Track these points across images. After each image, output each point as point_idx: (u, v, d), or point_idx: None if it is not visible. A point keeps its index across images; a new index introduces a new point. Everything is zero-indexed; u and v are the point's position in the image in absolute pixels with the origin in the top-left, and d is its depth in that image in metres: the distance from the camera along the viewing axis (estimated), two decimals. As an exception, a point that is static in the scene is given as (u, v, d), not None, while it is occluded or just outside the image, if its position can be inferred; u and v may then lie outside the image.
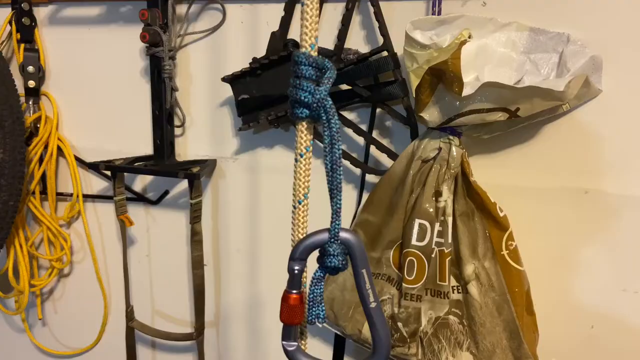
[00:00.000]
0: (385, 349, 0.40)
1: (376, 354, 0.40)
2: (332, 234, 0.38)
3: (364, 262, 0.39)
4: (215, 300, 1.15)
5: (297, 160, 0.39)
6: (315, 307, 0.40)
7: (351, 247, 0.38)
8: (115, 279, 1.20)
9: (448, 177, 0.86)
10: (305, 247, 0.39)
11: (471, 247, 0.88)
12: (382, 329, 0.39)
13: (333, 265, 0.38)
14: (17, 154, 1.05)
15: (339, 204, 0.37)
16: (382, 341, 0.40)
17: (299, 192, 0.40)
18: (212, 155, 1.10)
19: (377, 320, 0.39)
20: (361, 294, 0.39)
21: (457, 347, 0.88)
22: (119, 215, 1.07)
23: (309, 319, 0.40)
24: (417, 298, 0.89)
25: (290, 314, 0.39)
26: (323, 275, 0.40)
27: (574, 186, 0.88)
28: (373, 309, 0.39)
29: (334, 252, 0.38)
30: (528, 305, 0.89)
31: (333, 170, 0.37)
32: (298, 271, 0.39)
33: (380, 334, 0.39)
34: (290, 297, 0.39)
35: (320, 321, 0.40)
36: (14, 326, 1.30)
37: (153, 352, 1.21)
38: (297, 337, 0.41)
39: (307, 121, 0.39)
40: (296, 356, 0.41)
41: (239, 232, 1.11)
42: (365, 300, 0.39)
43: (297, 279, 0.39)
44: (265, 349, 1.13)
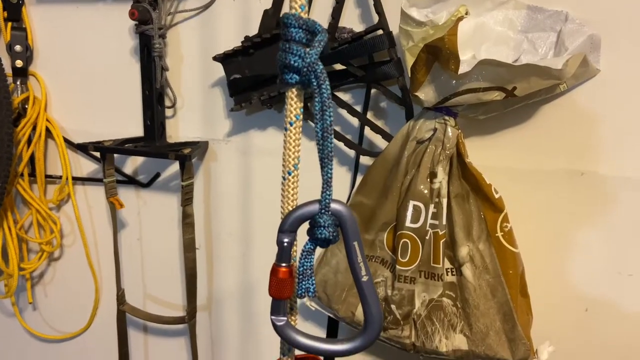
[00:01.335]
0: (377, 323, 0.39)
1: (368, 329, 0.39)
2: (323, 205, 0.36)
3: (356, 235, 0.38)
4: (207, 283, 1.14)
5: (286, 129, 0.37)
6: (305, 281, 0.39)
7: (342, 219, 0.37)
8: (106, 262, 1.19)
9: (443, 158, 0.85)
10: (295, 218, 0.37)
11: (466, 229, 0.87)
12: (373, 303, 0.38)
13: (324, 237, 0.37)
14: (4, 135, 1.03)
15: (329, 173, 0.36)
16: (374, 316, 0.39)
17: (289, 162, 0.38)
18: (204, 137, 1.08)
19: (368, 294, 0.38)
20: (353, 268, 0.38)
21: (450, 329, 0.88)
22: (109, 198, 1.05)
23: (299, 293, 0.39)
24: (410, 280, 0.88)
25: (279, 287, 0.38)
26: (313, 248, 0.39)
27: (570, 168, 0.87)
28: (365, 282, 0.38)
29: (325, 223, 0.36)
30: (522, 288, 0.88)
31: (324, 138, 0.35)
32: (287, 244, 0.38)
33: (371, 309, 0.38)
34: (279, 270, 0.38)
35: (310, 295, 0.39)
36: (3, 310, 1.29)
37: (145, 336, 1.20)
38: (286, 312, 0.40)
39: (297, 88, 0.38)
40: (285, 331, 0.40)
41: (231, 215, 1.09)
42: (357, 274, 0.38)
43: (287, 252, 0.38)
44: (257, 333, 1.13)
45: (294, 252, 0.40)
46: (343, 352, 0.40)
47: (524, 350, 0.85)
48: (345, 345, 0.40)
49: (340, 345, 0.40)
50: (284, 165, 0.38)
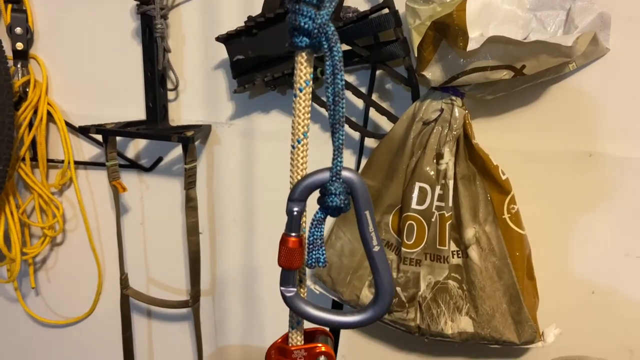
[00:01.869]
0: (388, 294, 0.38)
1: (379, 300, 0.38)
2: (334, 172, 0.35)
3: (367, 203, 0.37)
4: (211, 268, 1.13)
5: (296, 95, 0.36)
6: (316, 251, 0.38)
7: (353, 187, 0.36)
8: (108, 247, 1.18)
9: (450, 138, 0.84)
10: (305, 187, 0.36)
11: (472, 210, 0.86)
12: (385, 273, 0.38)
13: (335, 205, 0.36)
14: (5, 117, 1.02)
15: (341, 139, 0.35)
16: (385, 286, 0.38)
17: (298, 130, 0.37)
18: (207, 120, 1.07)
19: (380, 264, 0.37)
20: (364, 237, 0.37)
21: (456, 312, 0.87)
22: (112, 181, 1.04)
23: (309, 263, 0.38)
24: (416, 262, 0.87)
25: (288, 257, 0.37)
26: (324, 217, 0.38)
27: (578, 149, 0.86)
28: (376, 252, 0.37)
29: (336, 191, 0.35)
30: (529, 270, 0.87)
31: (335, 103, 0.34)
32: (297, 213, 0.37)
33: (383, 279, 0.38)
34: (289, 240, 0.37)
35: (320, 265, 0.38)
36: (6, 295, 1.28)
37: (148, 321, 1.20)
38: (295, 283, 0.39)
39: (306, 52, 0.37)
40: (295, 302, 0.39)
41: (234, 199, 1.09)
42: (369, 244, 0.37)
43: (296, 221, 0.37)
44: (261, 317, 1.12)
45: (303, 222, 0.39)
46: (354, 324, 0.39)
47: (530, 332, 0.85)
48: (356, 317, 0.39)
49: (350, 317, 0.39)
50: (293, 134, 0.38)
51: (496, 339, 0.86)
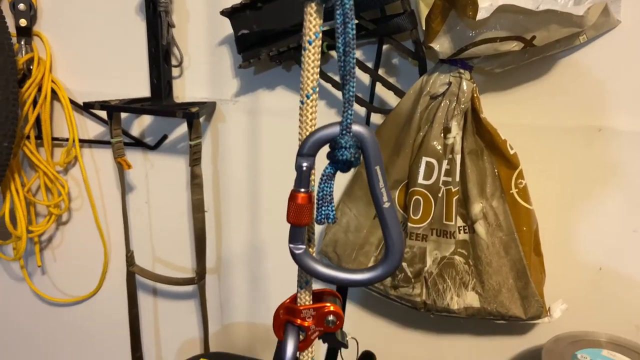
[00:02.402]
0: (399, 251, 0.37)
1: (389, 257, 0.38)
2: (344, 126, 0.35)
3: (378, 159, 0.36)
4: (216, 246, 1.13)
5: (305, 48, 0.35)
6: (325, 207, 0.37)
7: (364, 141, 0.35)
8: (114, 226, 1.18)
9: (458, 112, 0.83)
10: (315, 141, 0.36)
11: (479, 186, 0.85)
12: (395, 230, 0.37)
13: (345, 159, 0.35)
14: (9, 94, 1.01)
15: (351, 91, 0.34)
16: (395, 243, 0.37)
17: (307, 85, 0.37)
18: (211, 97, 1.06)
19: (390, 221, 0.37)
20: (374, 194, 0.37)
21: (462, 287, 0.87)
22: (117, 158, 1.04)
23: (318, 219, 0.38)
24: (422, 238, 0.87)
25: (298, 213, 0.37)
26: (333, 172, 0.37)
27: (587, 124, 0.85)
28: (386, 209, 0.37)
29: (346, 144, 0.35)
30: (536, 246, 0.87)
31: (346, 54, 0.33)
32: (307, 168, 0.36)
33: (393, 236, 0.37)
34: (298, 195, 0.37)
35: (330, 221, 0.38)
36: (12, 274, 1.29)
37: (154, 299, 1.21)
38: (304, 241, 0.39)
39: (316, 2, 0.36)
40: (304, 260, 0.39)
41: (239, 177, 1.08)
42: (379, 200, 0.37)
43: (306, 177, 0.36)
44: (266, 295, 1.13)
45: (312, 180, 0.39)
46: (364, 281, 0.39)
47: (536, 308, 0.84)
48: (367, 274, 0.39)
49: (360, 275, 0.39)
50: (302, 89, 0.37)
51: (502, 314, 0.86)
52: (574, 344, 0.83)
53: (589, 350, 0.81)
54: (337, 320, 0.43)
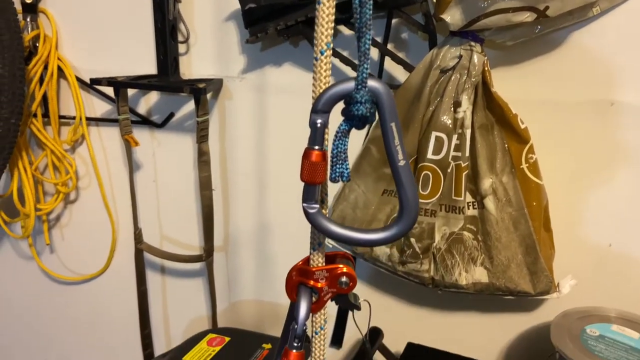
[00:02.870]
0: (414, 210, 0.37)
1: (404, 216, 0.37)
2: (359, 80, 0.34)
3: (393, 115, 0.36)
4: (223, 225, 1.13)
5: (319, 2, 0.35)
6: (339, 165, 0.37)
7: (379, 97, 0.35)
8: (122, 204, 1.18)
9: (468, 86, 0.82)
10: (330, 96, 0.35)
11: (489, 161, 0.85)
12: (410, 188, 0.37)
13: (360, 114, 0.35)
14: (16, 70, 1.01)
15: (367, 44, 0.33)
16: (410, 202, 0.37)
17: (321, 40, 0.36)
18: (218, 74, 1.05)
19: (405, 179, 0.36)
20: (389, 151, 0.36)
21: (470, 263, 0.87)
22: (124, 135, 1.03)
23: (332, 177, 0.38)
24: (431, 213, 0.87)
25: (312, 171, 0.36)
26: (348, 129, 0.37)
27: (599, 98, 0.84)
28: (402, 167, 0.36)
29: (362, 99, 0.34)
30: (545, 221, 0.86)
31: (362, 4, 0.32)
32: (321, 124, 0.36)
33: (408, 194, 0.37)
34: (312, 153, 0.36)
35: (344, 180, 0.38)
36: (21, 253, 1.30)
37: (162, 277, 1.21)
38: (318, 200, 0.38)
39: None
40: (317, 219, 0.38)
41: (247, 155, 1.08)
42: (394, 158, 0.36)
43: (320, 134, 0.36)
44: (274, 273, 1.13)
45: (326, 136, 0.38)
46: (379, 241, 0.39)
47: (545, 283, 0.84)
48: (381, 234, 0.38)
49: (374, 234, 0.39)
50: (316, 45, 0.36)
51: (511, 290, 0.85)
52: (583, 319, 0.83)
53: (598, 325, 0.81)
54: (350, 282, 0.43)
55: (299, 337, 0.41)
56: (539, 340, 0.95)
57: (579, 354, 0.74)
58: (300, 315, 0.41)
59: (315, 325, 0.44)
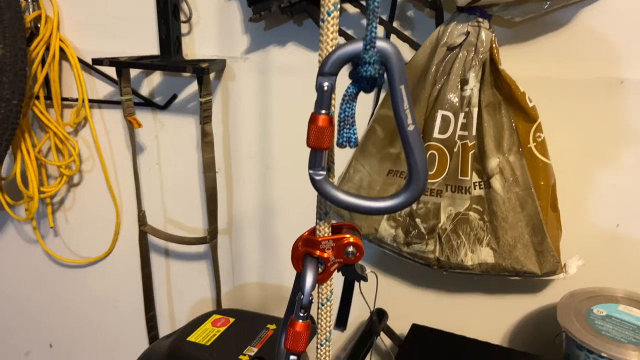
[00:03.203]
0: (423, 176, 0.36)
1: (412, 183, 0.37)
2: (368, 40, 0.33)
3: (403, 77, 0.35)
4: (227, 207, 1.13)
5: (324, -39, 0.34)
6: (347, 129, 0.36)
7: (388, 58, 0.34)
8: (125, 187, 1.18)
9: (476, 63, 0.80)
10: (337, 58, 0.34)
11: (496, 140, 0.84)
12: (419, 154, 0.36)
13: (369, 75, 0.34)
14: (18, 50, 1.00)
15: (376, 1, 0.32)
16: (419, 168, 0.36)
17: (328, 1, 0.35)
18: (221, 55, 1.04)
19: (414, 144, 0.36)
20: (398, 116, 0.35)
21: (476, 243, 0.86)
22: (127, 116, 1.03)
23: (339, 142, 0.37)
24: (437, 193, 0.86)
25: (318, 136, 0.35)
26: (356, 93, 0.36)
27: (609, 76, 0.83)
28: (410, 132, 0.35)
29: (370, 59, 0.33)
30: (553, 201, 0.85)
31: (371, -39, 0.31)
32: (328, 87, 0.35)
33: (417, 160, 0.36)
34: (318, 117, 0.35)
35: (351, 145, 0.37)
36: (26, 237, 1.30)
37: (166, 260, 1.21)
38: (324, 166, 0.37)
39: None
40: (324, 186, 0.37)
41: (250, 136, 1.07)
42: (403, 122, 0.35)
43: (327, 97, 0.35)
44: (278, 255, 1.13)
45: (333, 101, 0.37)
46: (387, 209, 0.38)
47: (552, 263, 0.83)
48: (389, 202, 0.37)
49: (382, 202, 0.38)
50: (323, 5, 0.35)
51: (517, 270, 0.85)
52: (590, 299, 0.82)
53: (605, 305, 0.80)
54: (357, 252, 0.42)
55: (305, 308, 0.41)
56: (544, 321, 0.94)
57: (585, 334, 0.74)
58: (307, 285, 0.41)
59: (321, 297, 0.44)
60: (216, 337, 0.88)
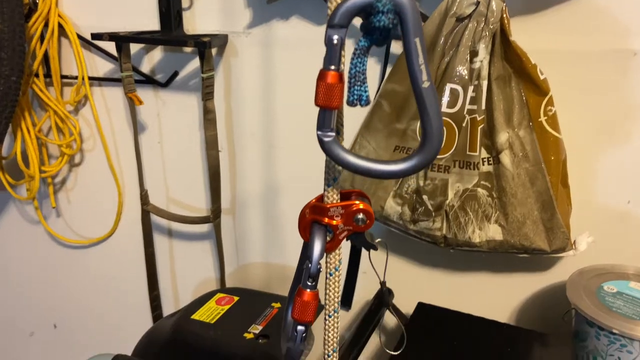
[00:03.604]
0: (437, 137, 0.34)
1: (426, 145, 0.35)
2: (381, -12, 0.31)
3: (418, 29, 0.32)
4: (231, 187, 1.11)
5: None
6: (358, 86, 0.34)
7: (402, 8, 0.32)
8: (127, 166, 1.17)
9: (486, 34, 0.78)
10: (347, 8, 0.32)
11: (506, 114, 0.82)
12: (434, 113, 0.34)
13: (382, 25, 0.31)
14: (16, 26, 0.98)
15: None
16: (434, 128, 0.34)
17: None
18: (223, 30, 1.01)
19: (428, 102, 0.34)
20: (412, 71, 0.33)
21: (484, 220, 0.85)
22: (127, 93, 1.01)
23: (350, 100, 0.35)
24: (444, 169, 0.84)
25: (327, 94, 0.33)
26: (368, 46, 0.34)
27: (622, 48, 0.80)
28: (425, 89, 0.33)
29: (384, 8, 0.31)
30: (563, 177, 0.84)
31: None
32: (338, 41, 0.33)
33: (432, 120, 0.34)
34: (327, 74, 0.33)
35: (362, 103, 0.35)
36: (28, 217, 1.29)
37: (170, 240, 1.20)
38: (334, 127, 0.36)
39: None
40: (333, 148, 0.36)
41: (254, 114, 1.05)
42: (417, 79, 0.33)
43: (337, 52, 0.33)
44: (282, 235, 1.12)
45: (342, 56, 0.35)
46: (400, 172, 0.36)
47: (562, 239, 0.82)
48: (402, 165, 0.36)
49: (395, 165, 0.36)
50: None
51: (526, 247, 0.83)
52: (600, 276, 0.81)
53: (615, 282, 0.79)
54: (367, 219, 0.40)
55: (313, 276, 0.40)
56: (552, 299, 0.93)
57: (596, 311, 0.72)
58: (315, 254, 0.39)
59: (329, 267, 0.43)
60: (220, 316, 0.87)
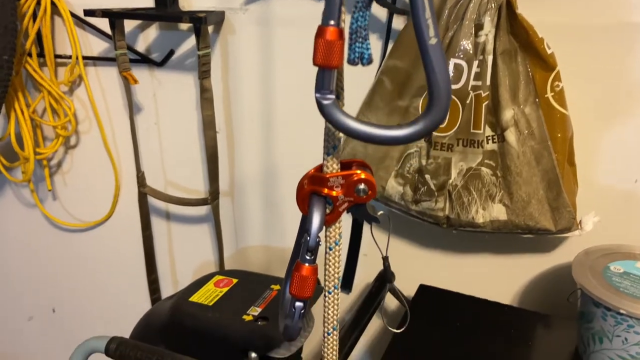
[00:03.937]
0: (444, 98, 0.32)
1: (433, 107, 0.33)
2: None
3: (423, -19, 0.30)
4: (229, 169, 1.09)
5: None
6: (359, 43, 0.32)
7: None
8: (123, 148, 1.15)
9: (492, 6, 0.75)
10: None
11: (512, 90, 0.79)
12: (441, 72, 0.32)
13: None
14: (7, 2, 0.95)
15: None
16: (441, 88, 0.32)
17: None
18: (219, 6, 0.98)
19: (435, 60, 0.31)
20: (418, 27, 0.31)
21: (488, 200, 0.83)
22: (122, 72, 0.98)
23: (351, 58, 0.33)
24: (447, 147, 0.82)
25: (326, 52, 0.31)
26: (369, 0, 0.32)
27: (632, 21, 0.77)
28: (432, 46, 0.31)
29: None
30: (570, 155, 0.82)
31: None
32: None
33: (438, 79, 0.32)
34: (326, 30, 0.31)
35: (364, 62, 0.33)
36: (24, 200, 1.27)
37: (168, 223, 1.19)
38: (333, 89, 0.33)
39: None
40: (332, 112, 0.34)
41: (252, 94, 1.03)
42: (423, 35, 0.31)
43: (336, 5, 0.30)
44: (281, 218, 1.10)
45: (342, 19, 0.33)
46: (405, 138, 0.34)
47: (568, 219, 0.80)
48: (407, 129, 0.34)
49: (400, 130, 0.34)
50: None
51: (530, 227, 0.81)
52: (606, 256, 0.79)
53: (622, 262, 0.77)
54: (369, 190, 0.39)
55: (311, 250, 0.38)
56: (557, 280, 0.91)
57: (603, 291, 0.71)
58: (314, 226, 0.38)
59: (329, 241, 0.41)
60: (219, 298, 0.86)
